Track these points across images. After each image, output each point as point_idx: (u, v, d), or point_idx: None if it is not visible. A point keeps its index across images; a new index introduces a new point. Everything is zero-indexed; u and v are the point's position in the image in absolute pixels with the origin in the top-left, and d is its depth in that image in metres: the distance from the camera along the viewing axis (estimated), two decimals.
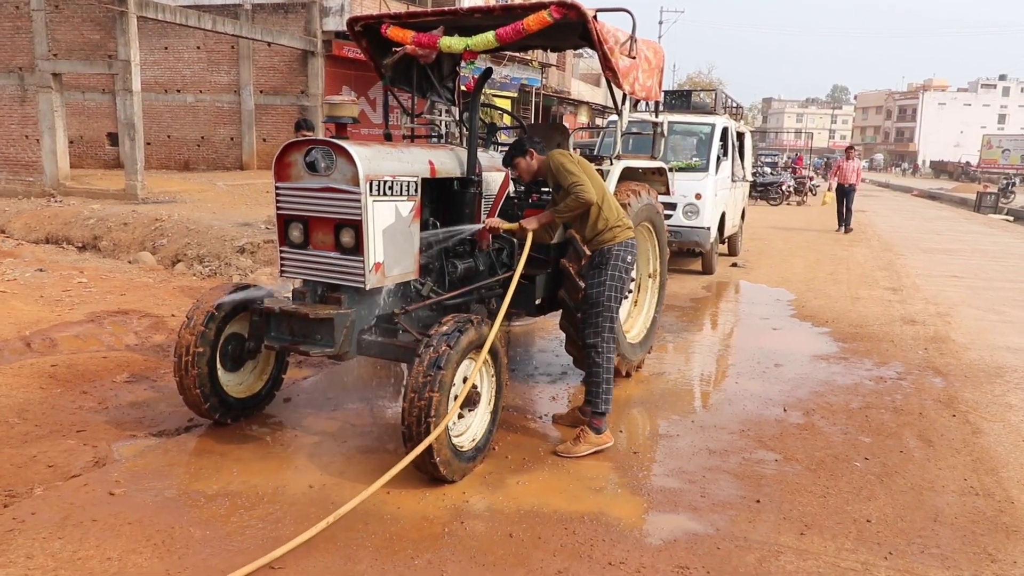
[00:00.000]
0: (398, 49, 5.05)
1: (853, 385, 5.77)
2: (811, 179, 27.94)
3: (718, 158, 10.41)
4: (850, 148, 17.65)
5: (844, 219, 16.57)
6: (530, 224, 4.45)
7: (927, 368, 6.27)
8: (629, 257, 4.42)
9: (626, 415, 5.01)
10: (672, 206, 9.54)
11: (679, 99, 11.72)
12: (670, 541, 3.39)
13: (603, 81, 34.72)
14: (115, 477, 3.81)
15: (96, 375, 5.39)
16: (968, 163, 58.25)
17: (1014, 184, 30.73)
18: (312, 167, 3.92)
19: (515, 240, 5.24)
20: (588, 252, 4.54)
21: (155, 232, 10.31)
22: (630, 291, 5.88)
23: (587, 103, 35.92)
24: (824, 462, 4.30)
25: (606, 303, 4.37)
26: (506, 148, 6.28)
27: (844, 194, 16.51)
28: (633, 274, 4.93)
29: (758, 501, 3.79)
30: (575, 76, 35.77)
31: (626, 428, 4.76)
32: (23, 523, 3.33)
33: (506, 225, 4.53)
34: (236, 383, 4.54)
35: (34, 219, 11.64)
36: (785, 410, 5.17)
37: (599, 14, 4.69)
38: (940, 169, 62.19)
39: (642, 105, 9.87)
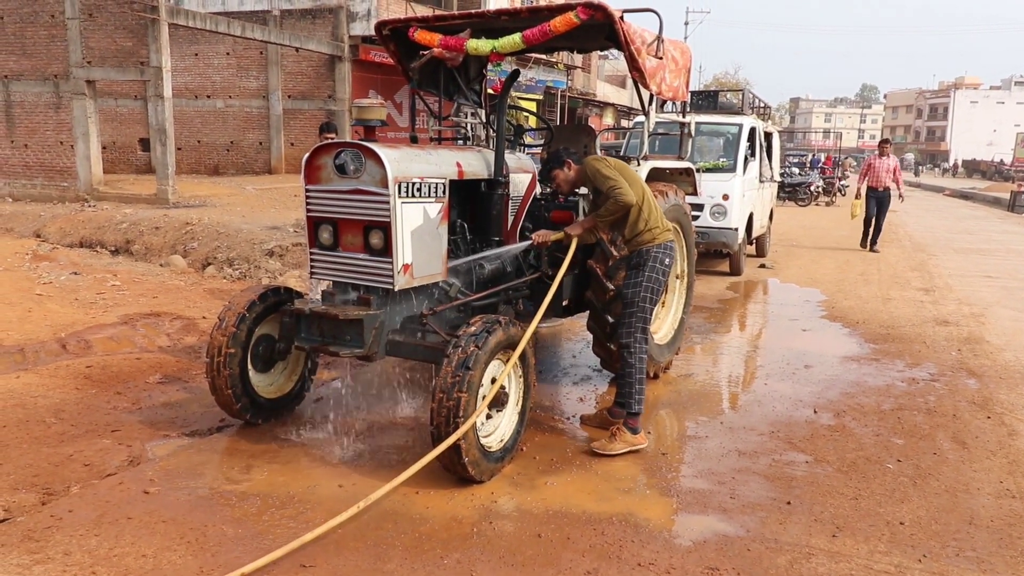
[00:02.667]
0: (425, 52, 5.08)
1: (885, 386, 5.69)
2: (840, 179, 27.55)
3: (746, 158, 10.33)
4: (885, 143, 13.55)
5: (872, 233, 13.19)
6: (574, 230, 4.50)
7: (961, 369, 6.16)
8: (667, 259, 4.43)
9: (654, 416, 4.99)
10: (700, 207, 9.48)
11: (706, 99, 11.65)
12: (700, 542, 3.37)
13: (629, 82, 34.65)
14: (149, 476, 3.87)
15: (130, 376, 5.48)
16: (1002, 162, 57.17)
17: None
18: (341, 169, 3.96)
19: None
20: (626, 252, 4.56)
21: (186, 236, 10.46)
22: None
23: (613, 105, 35.85)
24: (856, 464, 4.25)
25: (641, 303, 4.37)
26: (532, 149, 6.30)
27: (877, 201, 13.01)
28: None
29: (789, 503, 3.75)
30: (600, 78, 35.71)
31: (654, 429, 4.74)
32: (60, 520, 3.40)
33: (554, 236, 4.54)
34: (267, 384, 4.60)
35: (68, 223, 11.86)
36: (816, 411, 5.11)
37: (626, 15, 4.68)
38: (973, 168, 61.11)
39: (669, 106, 9.82)
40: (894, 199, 13.32)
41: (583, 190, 4.90)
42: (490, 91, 6.24)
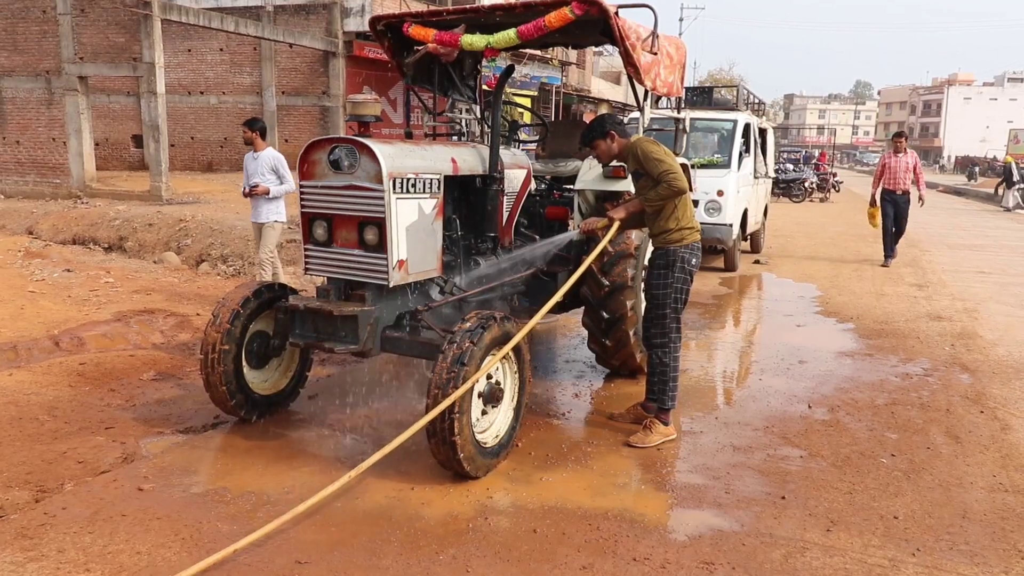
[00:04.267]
0: (420, 48, 5.07)
1: (879, 381, 5.71)
2: (834, 175, 27.56)
3: (740, 155, 10.34)
4: (900, 136, 11.37)
5: (892, 242, 11.38)
6: (617, 213, 4.42)
7: (954, 364, 6.19)
8: (694, 260, 4.43)
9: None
10: (695, 203, 9.47)
11: (700, 96, 11.66)
12: (695, 537, 3.38)
13: (623, 79, 34.57)
14: (143, 473, 3.86)
15: (123, 373, 5.46)
16: (995, 158, 57.32)
17: None
18: (336, 165, 3.95)
19: (536, 237, 5.25)
20: (651, 247, 4.54)
21: (179, 232, 10.42)
22: None
23: (607, 100, 35.81)
24: (850, 458, 4.26)
25: (673, 304, 4.38)
26: (526, 145, 6.29)
27: (895, 206, 11.15)
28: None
29: (783, 497, 3.76)
30: (595, 74, 35.69)
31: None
32: (54, 518, 3.38)
33: (601, 223, 4.46)
34: (261, 380, 4.59)
35: (61, 220, 11.81)
36: (810, 407, 5.13)
37: (621, 10, 4.68)
38: (966, 164, 61.28)
39: (664, 102, 9.83)
40: (914, 203, 11.36)
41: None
42: (485, 87, 6.23)
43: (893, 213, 11.18)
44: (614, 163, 4.70)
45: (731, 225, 9.85)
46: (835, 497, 3.79)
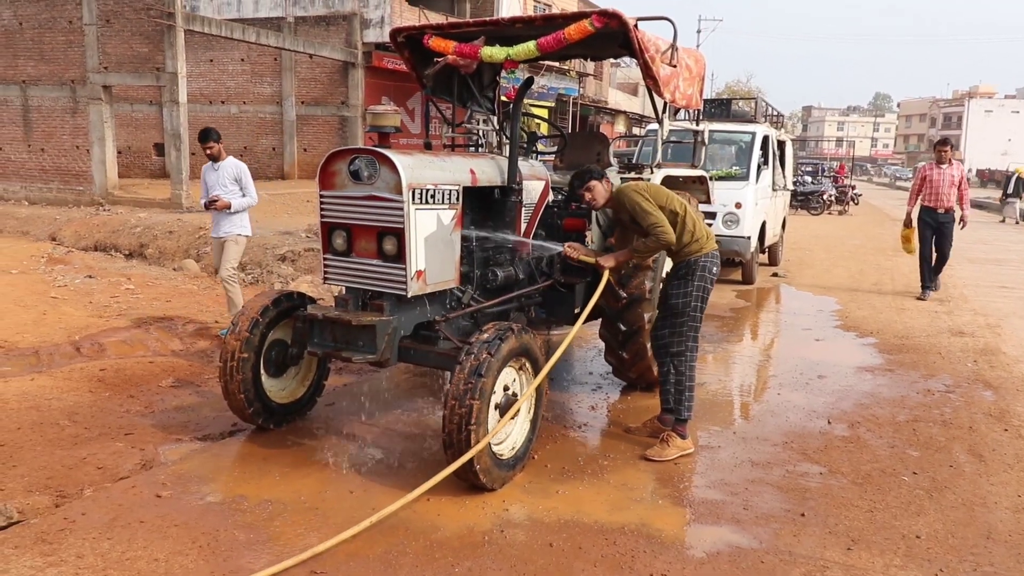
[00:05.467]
0: (440, 59, 5.09)
1: (900, 398, 5.64)
2: (853, 187, 27.36)
3: (758, 167, 10.30)
4: (944, 145, 9.75)
5: (931, 271, 9.66)
6: (607, 262, 4.47)
7: (977, 381, 6.10)
8: (714, 268, 4.45)
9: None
10: (712, 215, 9.45)
11: (719, 108, 11.62)
12: (713, 554, 3.34)
13: (641, 90, 34.56)
14: (162, 480, 3.88)
15: (143, 379, 5.50)
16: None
17: None
18: (356, 176, 3.97)
19: (556, 255, 5.25)
20: (672, 263, 4.57)
21: (199, 240, 10.51)
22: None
23: (624, 112, 35.84)
24: (871, 476, 4.21)
25: (692, 313, 4.39)
26: (544, 156, 6.29)
27: (936, 229, 9.47)
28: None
29: (803, 515, 3.72)
30: (612, 86, 35.72)
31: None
32: (74, 523, 3.41)
33: (583, 255, 4.51)
34: (279, 389, 4.60)
35: (83, 227, 11.95)
36: (829, 422, 5.07)
37: (640, 23, 4.68)
38: (987, 178, 60.64)
39: (682, 113, 9.81)
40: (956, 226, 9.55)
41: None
42: (503, 98, 6.25)
43: (934, 236, 9.50)
44: (631, 175, 4.68)
45: (749, 237, 9.80)
46: (856, 515, 3.74)
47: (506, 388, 3.91)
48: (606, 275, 4.49)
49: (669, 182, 5.62)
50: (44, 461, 4.08)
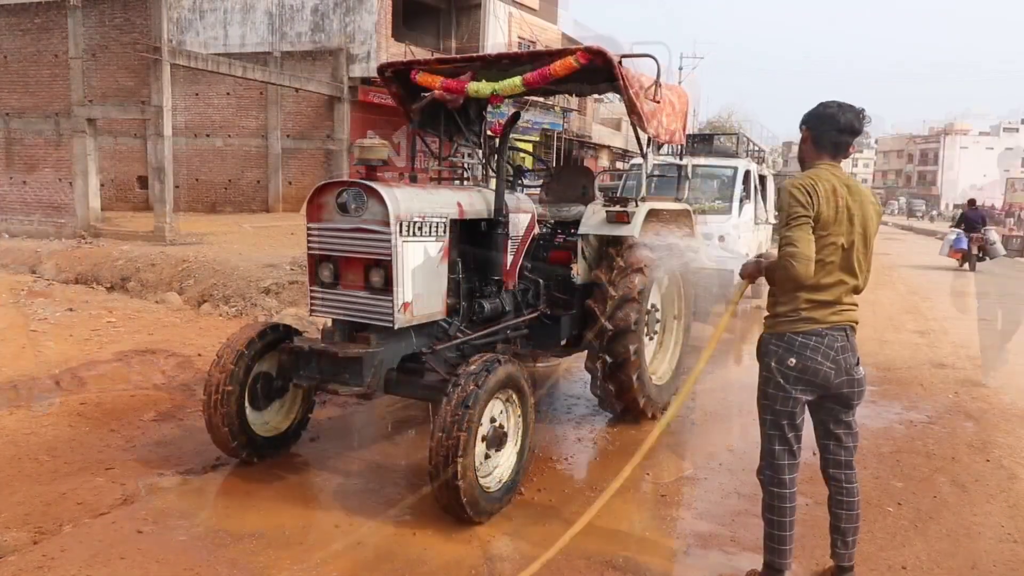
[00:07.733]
0: (427, 94, 5.15)
1: (883, 429, 5.67)
2: None
3: (741, 201, 10.44)
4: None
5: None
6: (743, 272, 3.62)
7: (958, 412, 6.15)
8: (786, 359, 3.48)
9: (652, 458, 4.95)
10: None
11: (702, 142, 11.81)
12: None
13: (624, 125, 34.82)
14: (143, 515, 3.82)
15: (124, 413, 5.43)
16: (992, 206, 57.79)
17: None
18: (343, 208, 3.99)
19: (540, 281, 5.27)
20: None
21: (182, 273, 10.45)
22: (655, 332, 5.87)
23: (607, 147, 36.23)
24: None
25: (760, 413, 3.79)
26: (530, 189, 6.35)
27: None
28: None
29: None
30: (596, 120, 36.14)
31: (653, 471, 4.70)
32: (53, 560, 3.34)
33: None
34: (263, 422, 4.56)
35: (65, 260, 11.85)
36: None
37: (624, 59, 4.77)
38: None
39: (666, 148, 9.95)
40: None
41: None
42: (489, 132, 6.32)
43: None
44: (616, 208, 4.71)
45: (732, 270, 9.87)
46: None
47: (493, 420, 3.90)
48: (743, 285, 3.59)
49: (654, 215, 5.68)
50: (22, 497, 4.00)
